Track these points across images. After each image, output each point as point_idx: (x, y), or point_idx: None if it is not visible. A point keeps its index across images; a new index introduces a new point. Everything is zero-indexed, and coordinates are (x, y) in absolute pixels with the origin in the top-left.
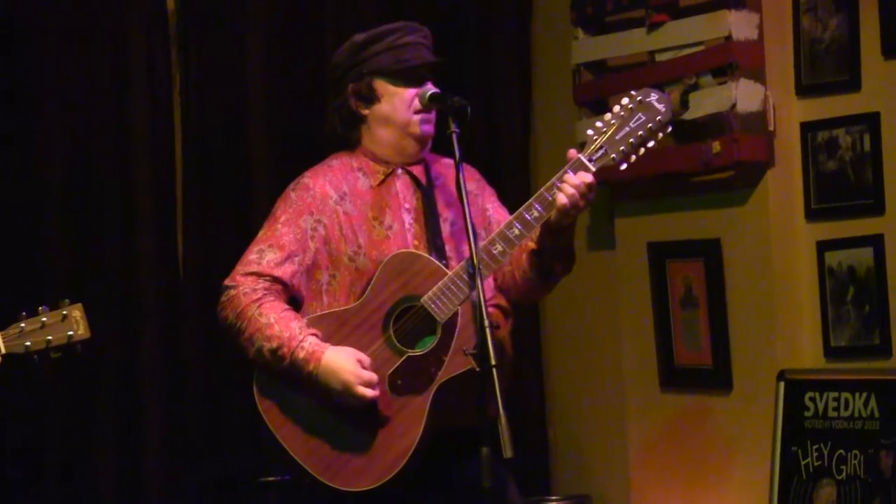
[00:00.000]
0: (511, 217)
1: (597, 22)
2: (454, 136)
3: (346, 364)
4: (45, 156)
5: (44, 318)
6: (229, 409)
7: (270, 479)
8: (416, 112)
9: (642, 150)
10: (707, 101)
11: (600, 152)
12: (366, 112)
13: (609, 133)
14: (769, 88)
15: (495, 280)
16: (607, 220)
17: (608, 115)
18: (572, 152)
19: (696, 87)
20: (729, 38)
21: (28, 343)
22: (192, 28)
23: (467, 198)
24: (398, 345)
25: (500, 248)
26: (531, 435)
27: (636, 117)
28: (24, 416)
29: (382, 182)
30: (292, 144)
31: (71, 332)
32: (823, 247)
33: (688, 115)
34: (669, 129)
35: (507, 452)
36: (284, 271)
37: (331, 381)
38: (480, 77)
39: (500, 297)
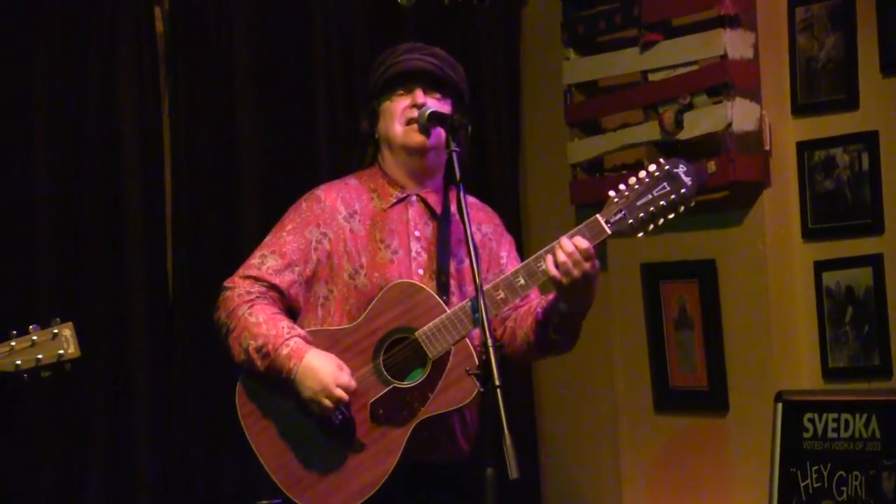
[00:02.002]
0: (519, 266)
1: (588, 42)
2: (454, 155)
3: (326, 366)
4: (34, 176)
5: (34, 337)
6: (221, 430)
7: (263, 502)
8: (409, 122)
9: (661, 222)
10: (702, 121)
11: (619, 216)
12: (376, 135)
13: (631, 198)
14: (765, 108)
15: (494, 332)
16: (600, 241)
17: (633, 179)
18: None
19: (690, 106)
20: (724, 56)
21: (18, 362)
22: (181, 49)
23: (469, 224)
24: (385, 374)
25: (502, 294)
26: (521, 458)
27: (660, 186)
28: (10, 436)
29: (394, 205)
30: (281, 164)
31: (61, 351)
32: (821, 267)
33: (682, 135)
34: (692, 203)
35: (513, 473)
36: (283, 279)
37: (308, 380)
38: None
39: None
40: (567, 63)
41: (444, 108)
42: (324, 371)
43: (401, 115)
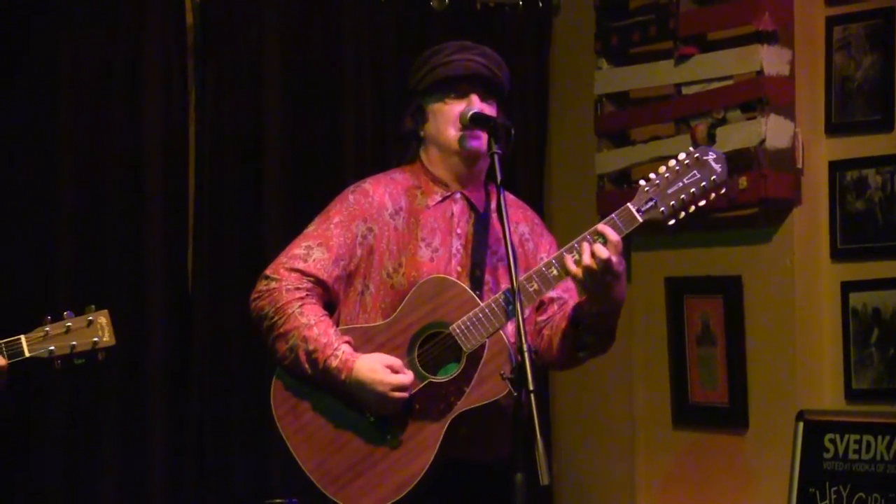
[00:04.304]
0: (551, 257)
1: (621, 53)
2: (496, 158)
3: (375, 375)
4: (57, 165)
5: (69, 323)
6: (237, 425)
7: (277, 500)
8: (461, 128)
9: (692, 209)
10: (735, 136)
11: (650, 204)
12: (421, 133)
13: (661, 186)
14: (799, 125)
15: (531, 341)
16: (623, 254)
17: (662, 168)
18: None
19: (723, 121)
20: (760, 72)
21: (52, 347)
22: (210, 42)
23: (509, 224)
24: (420, 369)
25: (535, 286)
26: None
27: (691, 174)
28: (24, 428)
29: (439, 203)
30: (307, 160)
31: (96, 339)
32: (848, 287)
33: None
34: (723, 191)
35: (544, 479)
36: (329, 274)
37: (361, 393)
38: None
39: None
40: (599, 73)
41: (492, 109)
42: (376, 382)
43: (456, 120)
